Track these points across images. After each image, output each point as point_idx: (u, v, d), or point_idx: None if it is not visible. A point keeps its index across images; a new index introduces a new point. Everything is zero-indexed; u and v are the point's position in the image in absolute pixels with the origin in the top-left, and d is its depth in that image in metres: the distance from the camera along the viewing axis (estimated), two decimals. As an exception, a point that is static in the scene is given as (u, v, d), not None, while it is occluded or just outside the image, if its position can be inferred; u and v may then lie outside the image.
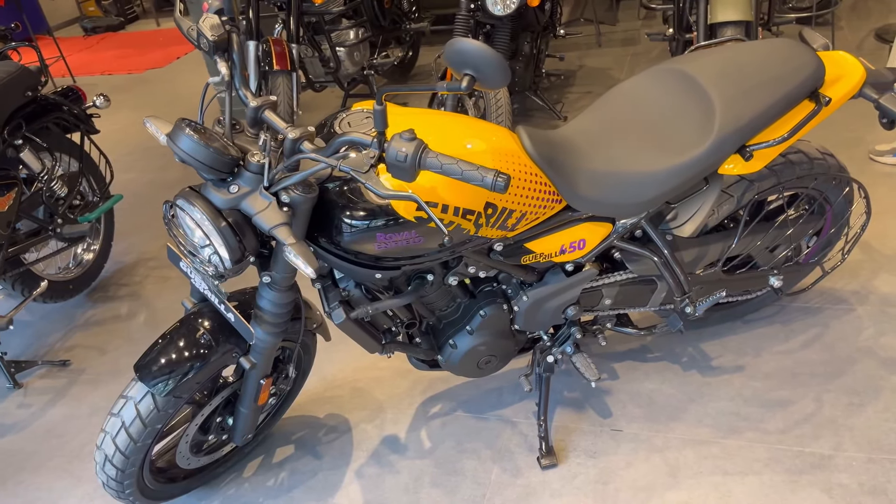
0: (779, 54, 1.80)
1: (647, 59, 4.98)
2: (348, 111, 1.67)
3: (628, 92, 1.87)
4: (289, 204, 1.47)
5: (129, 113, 5.67)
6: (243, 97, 1.52)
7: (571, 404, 2.22)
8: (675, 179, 1.73)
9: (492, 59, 1.16)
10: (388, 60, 4.74)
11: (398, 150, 1.29)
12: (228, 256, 1.48)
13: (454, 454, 2.13)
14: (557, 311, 1.94)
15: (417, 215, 1.53)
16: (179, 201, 1.48)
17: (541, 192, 1.67)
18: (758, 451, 1.97)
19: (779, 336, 2.35)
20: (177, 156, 1.41)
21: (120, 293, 3.25)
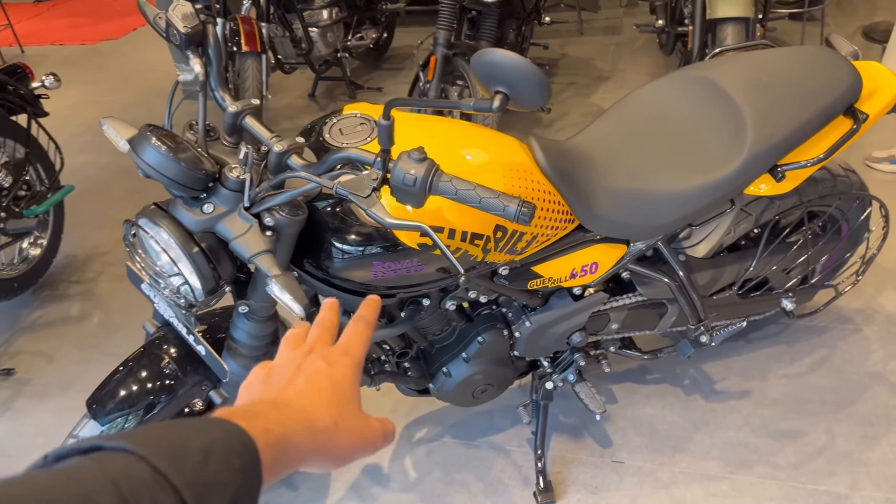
0: (813, 65, 1.64)
1: (630, 49, 4.82)
2: (338, 115, 1.46)
3: (648, 99, 1.70)
4: (273, 227, 1.25)
5: (81, 88, 5.30)
6: (220, 100, 1.29)
7: (568, 431, 2.07)
8: (702, 201, 1.56)
9: (530, 74, 0.97)
10: (362, 42, 4.48)
11: (406, 171, 1.09)
12: (201, 286, 1.27)
13: (442, 487, 1.95)
14: (562, 338, 1.78)
15: (421, 241, 1.33)
16: (142, 221, 1.26)
17: (554, 213, 1.48)
18: (770, 489, 1.84)
19: (784, 357, 2.23)
20: (140, 170, 1.19)
21: (70, 292, 2.98)
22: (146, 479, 0.39)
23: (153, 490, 0.39)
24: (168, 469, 0.40)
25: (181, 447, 0.42)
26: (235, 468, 0.44)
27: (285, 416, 0.52)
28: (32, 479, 0.37)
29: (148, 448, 0.41)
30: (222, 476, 0.42)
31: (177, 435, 0.43)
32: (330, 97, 4.63)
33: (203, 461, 0.42)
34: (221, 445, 0.44)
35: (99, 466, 0.38)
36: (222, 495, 0.42)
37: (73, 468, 0.38)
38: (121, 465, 0.39)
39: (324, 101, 4.58)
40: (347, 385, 0.59)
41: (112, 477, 0.38)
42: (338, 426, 0.56)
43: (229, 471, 0.43)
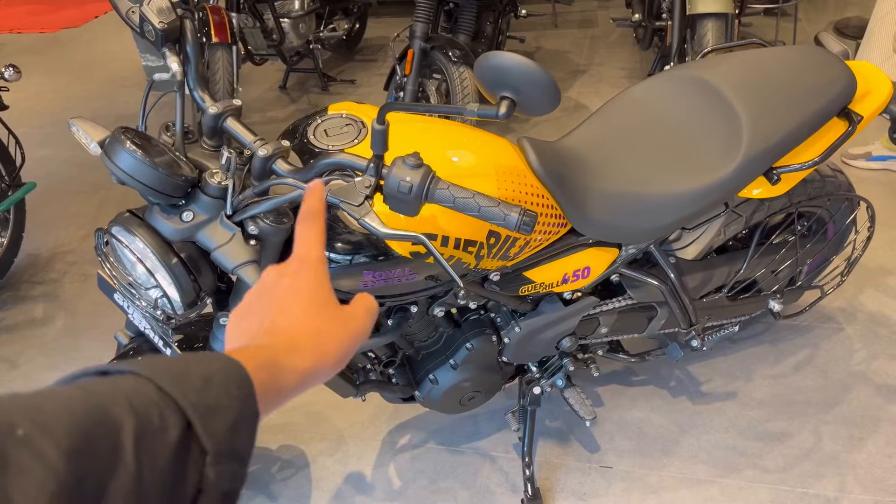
0: (808, 65, 1.62)
1: (605, 43, 4.80)
2: (323, 115, 1.39)
3: (641, 99, 1.65)
4: (257, 236, 1.18)
5: (41, 79, 5.11)
6: (199, 101, 1.22)
7: (555, 435, 2.03)
8: (697, 204, 1.52)
9: (540, 79, 0.91)
10: (335, 34, 4.38)
11: (401, 179, 1.03)
12: (180, 299, 1.19)
13: (428, 495, 1.90)
14: (552, 343, 1.73)
15: (413, 250, 1.28)
16: (116, 230, 1.18)
17: (547, 217, 1.44)
18: (760, 493, 1.82)
19: (769, 358, 2.21)
20: (114, 176, 1.11)
21: (33, 293, 2.86)
22: (154, 398, 0.41)
23: (161, 407, 0.40)
24: (173, 390, 0.42)
25: (184, 374, 0.44)
26: (234, 396, 0.45)
27: (268, 344, 0.54)
28: (52, 391, 0.39)
29: (153, 372, 0.42)
30: (223, 401, 0.44)
31: (179, 364, 0.45)
32: (301, 89, 4.52)
33: (204, 387, 0.43)
34: (221, 375, 0.45)
35: (111, 384, 0.41)
36: (224, 418, 0.43)
37: (87, 383, 0.41)
38: (130, 385, 0.41)
39: (295, 94, 4.47)
40: (315, 290, 0.60)
41: (124, 392, 0.40)
42: (320, 335, 0.57)
43: (229, 397, 0.44)
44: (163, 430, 0.40)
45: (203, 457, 0.41)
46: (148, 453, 0.38)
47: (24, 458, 0.33)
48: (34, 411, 0.36)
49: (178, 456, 0.40)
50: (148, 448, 0.38)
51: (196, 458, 0.41)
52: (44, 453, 0.34)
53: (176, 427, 0.40)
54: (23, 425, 0.34)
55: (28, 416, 0.35)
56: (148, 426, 0.39)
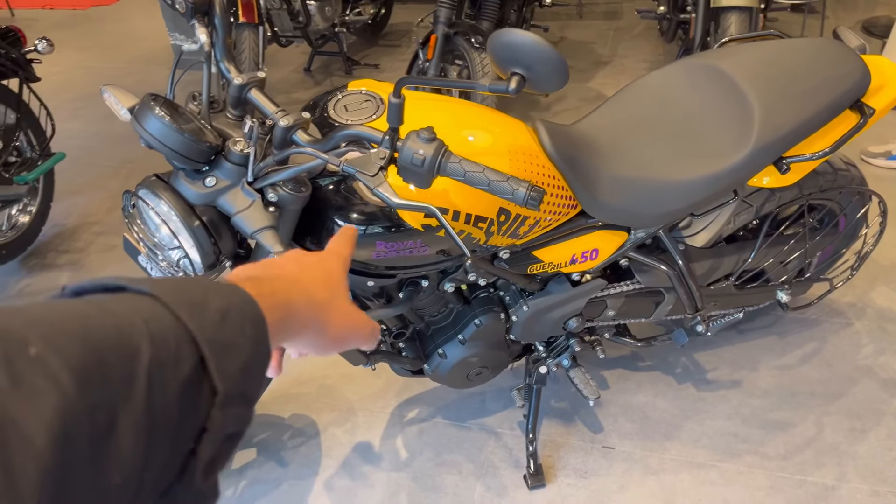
0: (823, 57, 1.63)
1: (630, 35, 4.80)
2: (343, 91, 1.44)
3: (656, 87, 1.68)
4: (276, 203, 1.24)
5: (72, 54, 5.21)
6: (225, 72, 1.27)
7: (560, 415, 2.07)
8: (706, 190, 1.55)
9: (549, 56, 0.95)
10: (360, 18, 4.43)
11: (415, 151, 1.08)
12: (200, 261, 1.25)
13: (433, 467, 1.96)
14: (559, 323, 1.77)
15: (425, 223, 1.32)
16: (142, 192, 1.24)
17: (558, 198, 1.47)
18: (758, 478, 1.86)
19: (775, 349, 2.24)
20: (142, 139, 1.16)
21: (59, 261, 2.95)
22: (170, 326, 0.39)
23: (178, 339, 0.39)
24: (190, 321, 0.40)
25: (202, 304, 0.42)
26: (249, 336, 0.44)
27: (288, 285, 0.54)
28: (67, 305, 0.37)
29: (172, 297, 0.41)
30: (237, 340, 0.43)
31: (198, 292, 0.43)
32: (326, 72, 4.57)
33: (221, 322, 0.42)
34: (238, 311, 0.44)
35: (129, 305, 0.39)
36: (236, 358, 0.42)
37: (104, 301, 0.39)
38: (148, 309, 0.39)
39: (319, 76, 4.52)
40: (337, 276, 0.61)
41: (142, 316, 0.38)
42: (332, 304, 0.58)
43: (244, 336, 0.44)
44: (177, 363, 0.38)
45: (212, 396, 0.40)
46: (160, 385, 0.37)
47: (37, 379, 0.32)
48: (48, 328, 0.34)
49: (188, 391, 0.39)
50: (161, 380, 0.37)
51: (206, 396, 0.40)
52: (56, 377, 0.32)
53: (189, 361, 0.39)
54: (36, 343, 0.33)
55: (42, 334, 0.33)
56: (163, 356, 0.38)
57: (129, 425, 0.35)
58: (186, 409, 0.39)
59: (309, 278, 0.58)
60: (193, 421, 0.39)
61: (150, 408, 0.36)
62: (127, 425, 0.35)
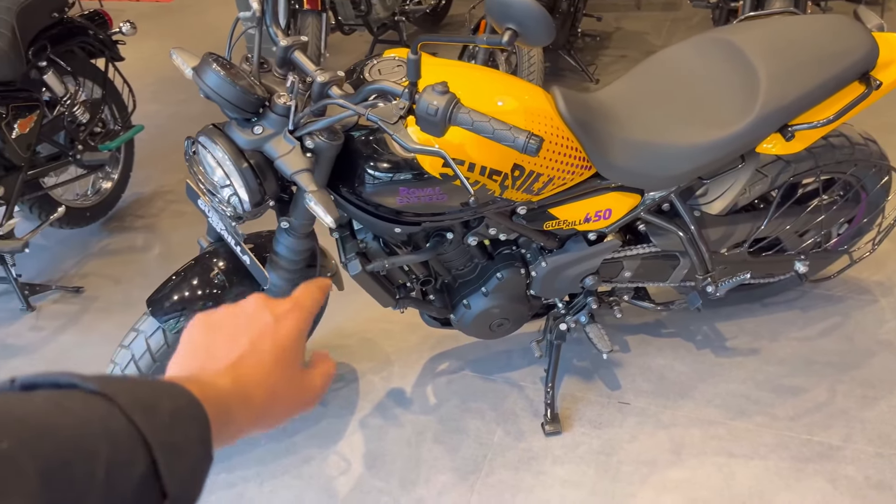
0: (832, 32, 1.72)
1: (686, 25, 4.84)
2: (379, 58, 1.62)
3: (671, 59, 1.80)
4: (313, 150, 1.43)
5: (154, 43, 5.59)
6: (273, 35, 1.47)
7: (580, 373, 2.21)
8: (711, 155, 1.67)
9: (537, 13, 1.10)
10: (420, 7, 4.62)
11: (429, 102, 1.24)
12: (248, 199, 1.45)
13: (458, 412, 2.12)
14: (575, 280, 1.91)
15: (443, 172, 1.49)
16: (202, 138, 1.45)
17: (571, 158, 1.62)
18: (765, 436, 1.95)
19: (797, 322, 2.31)
20: (202, 91, 1.37)
21: (136, 224, 3.25)
22: (125, 429, 0.40)
23: (131, 442, 0.39)
24: (143, 424, 0.40)
25: (153, 406, 0.42)
26: (195, 438, 0.44)
27: (228, 392, 0.53)
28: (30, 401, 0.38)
29: (125, 399, 0.41)
30: (186, 442, 0.43)
31: (149, 393, 0.44)
32: (386, 60, 4.78)
33: (171, 424, 0.43)
34: (186, 413, 0.45)
35: (84, 405, 0.39)
36: (185, 461, 0.42)
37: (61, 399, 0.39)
38: (103, 411, 0.40)
39: (380, 64, 4.74)
40: (290, 344, 0.59)
41: (99, 416, 0.39)
42: (275, 396, 0.56)
43: (191, 438, 0.44)
44: (131, 465, 0.39)
45: (162, 498, 0.41)
46: (116, 485, 0.37)
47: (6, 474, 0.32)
48: (19, 425, 0.35)
49: (140, 492, 0.39)
50: (116, 480, 0.38)
51: (156, 497, 0.40)
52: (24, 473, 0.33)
53: (142, 463, 0.40)
54: (7, 438, 0.34)
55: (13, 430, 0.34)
56: (119, 458, 0.38)
57: None
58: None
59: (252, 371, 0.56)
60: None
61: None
62: None
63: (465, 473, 1.94)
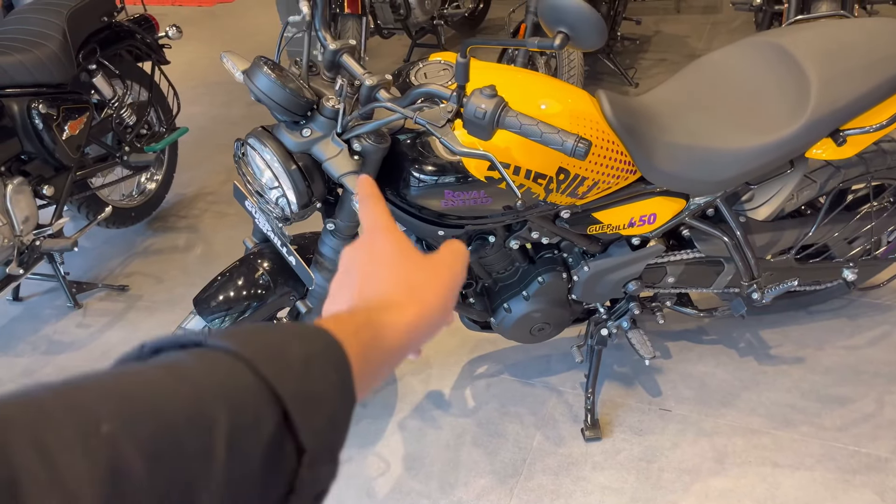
0: (884, 35, 1.69)
1: (727, 28, 4.77)
2: (425, 61, 1.63)
3: (718, 63, 1.78)
4: (360, 152, 1.44)
5: (197, 46, 5.69)
6: (322, 39, 1.49)
7: (620, 379, 2.19)
8: (759, 160, 1.64)
9: (590, 17, 1.10)
10: (458, 11, 4.63)
11: (477, 106, 1.25)
12: (296, 200, 1.47)
13: (497, 416, 2.12)
14: (618, 285, 1.90)
15: (488, 175, 1.49)
16: (251, 140, 1.47)
17: (616, 162, 1.61)
18: (811, 446, 1.91)
19: (844, 331, 2.26)
20: (252, 94, 1.39)
21: (179, 225, 3.30)
22: (250, 386, 0.37)
23: (258, 399, 0.37)
24: (273, 377, 0.37)
25: (282, 354, 0.40)
26: (334, 382, 0.41)
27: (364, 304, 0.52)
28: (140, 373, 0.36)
29: (252, 350, 0.38)
30: (322, 389, 0.40)
31: (278, 340, 0.41)
32: (424, 64, 4.81)
33: (305, 371, 0.40)
34: (321, 357, 0.42)
35: (204, 366, 0.37)
36: (322, 410, 0.39)
37: (178, 365, 0.37)
38: (225, 368, 0.37)
39: (418, 67, 4.76)
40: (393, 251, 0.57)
41: (218, 379, 0.36)
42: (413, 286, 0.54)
43: (328, 384, 0.41)
44: (257, 425, 0.36)
45: (298, 456, 0.38)
46: (240, 452, 0.35)
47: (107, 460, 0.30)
48: (122, 403, 0.32)
49: (271, 454, 0.36)
50: (240, 447, 0.35)
51: (290, 455, 0.38)
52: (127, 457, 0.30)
53: (271, 420, 0.37)
54: (108, 419, 0.31)
55: (115, 410, 0.32)
56: (242, 422, 0.35)
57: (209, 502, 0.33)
58: (270, 474, 0.36)
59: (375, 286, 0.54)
60: (278, 485, 0.37)
61: (231, 481, 0.34)
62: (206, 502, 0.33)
63: (504, 477, 1.94)
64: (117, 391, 0.33)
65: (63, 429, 0.30)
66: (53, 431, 0.29)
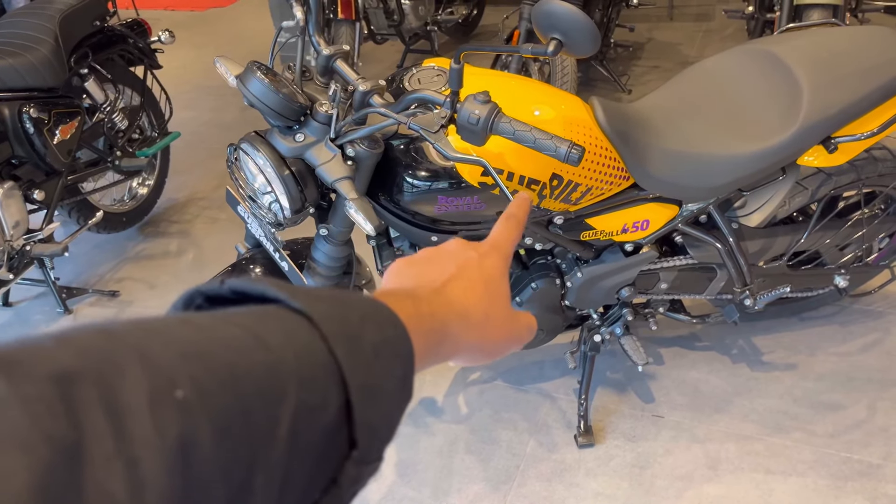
0: (875, 43, 1.70)
1: (720, 36, 4.80)
2: (419, 67, 1.63)
3: (711, 70, 1.79)
4: (353, 158, 1.44)
5: (189, 51, 5.68)
6: (316, 44, 1.48)
7: (614, 385, 2.19)
8: (752, 167, 1.65)
9: (583, 24, 1.10)
10: (452, 17, 4.64)
11: (471, 112, 1.25)
12: (289, 205, 1.46)
13: (490, 423, 2.12)
14: (611, 291, 1.90)
15: (482, 181, 1.49)
16: (244, 145, 1.47)
17: (609, 168, 1.61)
18: (804, 453, 1.91)
19: (836, 337, 2.27)
20: (245, 99, 1.39)
21: (170, 230, 3.29)
22: (323, 364, 0.35)
23: (328, 380, 0.35)
24: (345, 360, 0.36)
25: (358, 336, 0.38)
26: (397, 377, 0.40)
27: (445, 303, 0.50)
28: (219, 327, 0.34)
29: (330, 326, 0.37)
30: (385, 383, 0.39)
31: (356, 318, 0.39)
32: (417, 69, 4.81)
33: (374, 360, 0.38)
34: (391, 347, 0.40)
35: (283, 331, 0.35)
36: (381, 405, 0.38)
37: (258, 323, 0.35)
38: (303, 339, 0.36)
39: (411, 73, 4.76)
40: (497, 278, 0.56)
41: (294, 349, 0.35)
42: (489, 318, 0.53)
43: (392, 378, 0.39)
44: (323, 407, 0.35)
45: (349, 448, 0.36)
46: (301, 435, 0.33)
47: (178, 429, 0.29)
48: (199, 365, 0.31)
49: (327, 441, 0.35)
50: (303, 427, 0.33)
51: (342, 447, 0.36)
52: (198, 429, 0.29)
53: (334, 405, 0.35)
54: (183, 384, 0.30)
55: (191, 374, 0.30)
56: (309, 401, 0.34)
57: (263, 484, 0.32)
58: (321, 461, 0.35)
59: (464, 291, 0.53)
60: (326, 474, 0.36)
61: (288, 463, 0.33)
62: (261, 484, 0.31)
63: (497, 484, 1.93)
64: (195, 349, 0.32)
65: (136, 389, 0.28)
66: (126, 391, 0.28)
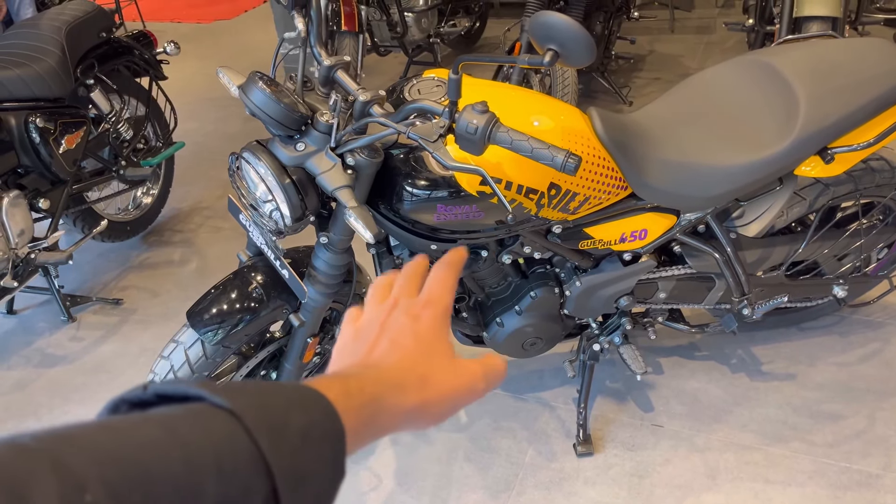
0: (872, 55, 1.71)
1: (721, 48, 4.82)
2: (419, 77, 1.65)
3: (709, 81, 1.80)
4: (353, 167, 1.45)
5: (194, 62, 5.73)
6: (317, 55, 1.50)
7: (613, 395, 2.19)
8: (749, 177, 1.66)
9: (579, 35, 1.12)
10: (454, 30, 4.68)
11: (469, 121, 1.26)
12: (290, 214, 1.48)
13: (490, 431, 2.12)
14: (610, 300, 1.91)
15: (480, 189, 1.51)
16: (246, 154, 1.49)
17: (607, 178, 1.62)
18: (803, 463, 1.92)
19: (836, 347, 2.27)
20: (247, 108, 1.41)
21: (174, 239, 3.31)
22: (245, 456, 0.36)
23: (250, 470, 0.36)
24: (269, 449, 0.37)
25: (283, 425, 0.38)
26: (327, 459, 0.40)
27: (374, 376, 0.51)
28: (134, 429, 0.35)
29: (252, 417, 0.37)
30: (314, 466, 0.39)
31: (280, 406, 0.40)
32: (420, 81, 4.84)
33: (301, 446, 0.39)
34: (319, 430, 0.41)
35: (202, 428, 0.36)
36: (311, 489, 0.38)
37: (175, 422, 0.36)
38: (224, 432, 0.36)
39: (414, 85, 4.80)
40: (433, 337, 0.56)
41: (214, 443, 0.35)
42: (427, 380, 0.53)
43: (321, 461, 0.40)
44: (244, 498, 0.35)
45: None
46: None
47: None
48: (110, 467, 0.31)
49: None
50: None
51: None
52: None
53: (261, 494, 0.36)
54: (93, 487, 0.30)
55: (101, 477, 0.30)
56: (230, 493, 0.34)
57: None
58: None
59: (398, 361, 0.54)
60: None
61: None
62: None
63: (495, 492, 1.94)
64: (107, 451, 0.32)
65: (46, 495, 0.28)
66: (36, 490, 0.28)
